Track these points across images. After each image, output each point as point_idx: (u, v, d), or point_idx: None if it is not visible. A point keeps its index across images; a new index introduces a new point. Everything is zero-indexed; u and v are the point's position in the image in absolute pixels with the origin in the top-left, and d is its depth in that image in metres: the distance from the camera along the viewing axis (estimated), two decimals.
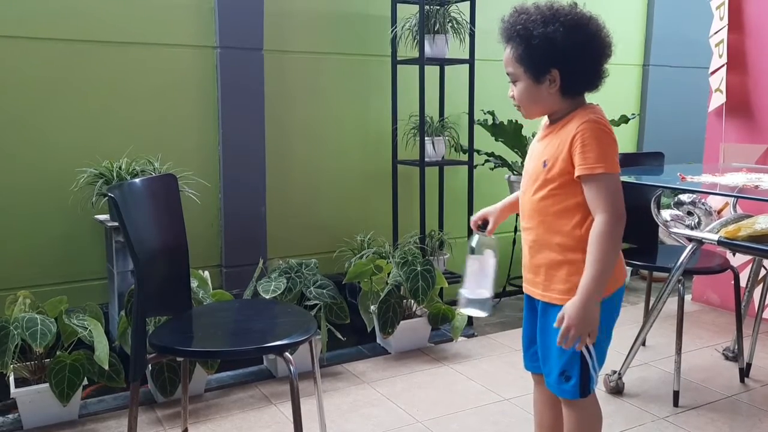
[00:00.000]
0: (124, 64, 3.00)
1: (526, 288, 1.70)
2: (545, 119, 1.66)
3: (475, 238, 1.80)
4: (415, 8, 3.32)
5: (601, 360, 1.63)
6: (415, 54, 3.36)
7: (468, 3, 3.40)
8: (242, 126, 3.23)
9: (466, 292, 1.79)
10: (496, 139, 3.79)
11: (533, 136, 4.02)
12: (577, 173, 1.50)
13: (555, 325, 1.53)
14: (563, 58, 1.50)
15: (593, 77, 1.55)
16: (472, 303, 1.78)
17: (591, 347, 1.59)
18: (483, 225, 1.84)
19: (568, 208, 1.56)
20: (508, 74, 1.59)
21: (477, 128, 3.63)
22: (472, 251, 1.79)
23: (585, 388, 1.62)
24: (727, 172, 2.68)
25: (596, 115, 1.53)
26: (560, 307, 1.56)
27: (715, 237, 2.44)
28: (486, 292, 1.77)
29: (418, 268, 2.96)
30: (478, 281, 1.77)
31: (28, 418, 2.35)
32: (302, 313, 2.04)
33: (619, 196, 1.50)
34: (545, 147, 1.59)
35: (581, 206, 1.55)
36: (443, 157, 3.52)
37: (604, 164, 1.48)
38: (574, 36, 1.50)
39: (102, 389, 2.50)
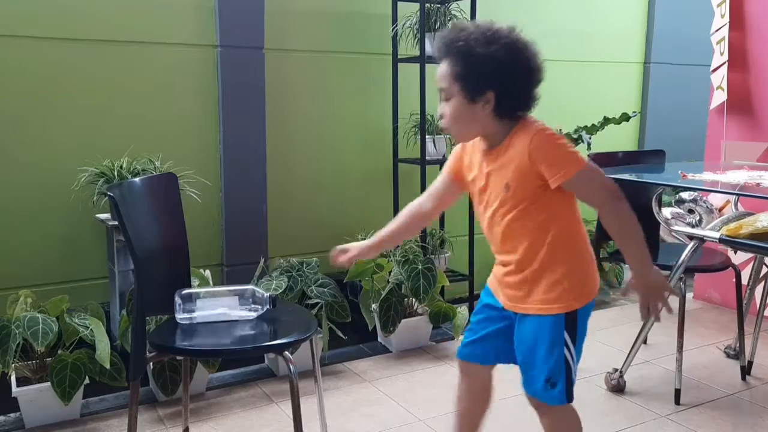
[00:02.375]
0: (125, 63, 3.00)
1: (500, 299, 1.69)
2: (474, 143, 1.64)
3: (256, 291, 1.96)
4: (416, 6, 3.31)
5: (577, 362, 1.64)
6: (416, 52, 3.36)
7: (468, 1, 3.40)
8: (243, 125, 3.23)
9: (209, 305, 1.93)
10: None
11: None
12: (554, 184, 1.49)
13: (622, 295, 1.61)
14: (501, 79, 1.49)
15: (526, 100, 1.54)
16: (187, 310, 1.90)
17: (573, 351, 1.60)
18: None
19: (543, 223, 1.56)
20: (440, 90, 1.56)
21: None
22: (244, 292, 1.97)
23: (570, 392, 1.62)
24: (729, 170, 2.68)
25: (538, 125, 1.53)
26: (541, 317, 1.58)
27: (717, 235, 2.43)
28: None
29: (419, 267, 2.96)
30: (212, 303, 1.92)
31: (29, 417, 2.35)
32: (303, 312, 2.04)
33: (604, 179, 1.51)
34: (499, 171, 1.56)
35: (556, 217, 1.56)
36: (444, 156, 3.52)
37: (573, 163, 1.48)
38: (512, 58, 1.49)
39: (103, 388, 2.50)
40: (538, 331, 1.59)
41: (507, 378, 2.77)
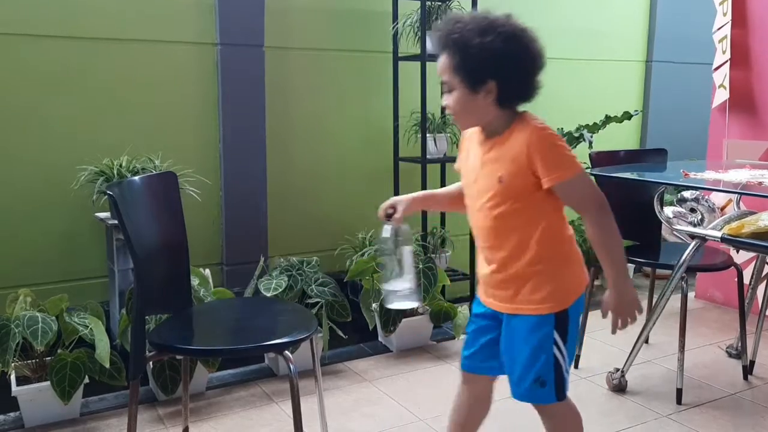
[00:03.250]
0: (125, 62, 2.99)
1: (487, 301, 1.68)
2: (472, 130, 1.64)
3: (386, 228, 1.74)
4: (417, 4, 3.30)
5: (570, 362, 1.63)
6: (417, 50, 3.35)
7: None
8: (243, 123, 3.23)
9: (388, 286, 1.76)
10: None
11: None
12: (547, 185, 1.49)
13: (603, 317, 1.58)
14: (500, 69, 1.48)
15: (529, 88, 1.53)
16: (398, 297, 1.76)
17: (564, 350, 1.59)
18: (391, 214, 1.77)
19: (532, 220, 1.55)
20: (443, 83, 1.56)
21: None
22: (386, 242, 1.75)
23: (561, 391, 1.61)
24: (731, 169, 2.67)
25: (538, 122, 1.52)
26: (529, 317, 1.57)
27: (719, 234, 2.42)
28: (408, 283, 1.74)
29: (420, 266, 2.95)
30: (398, 273, 1.75)
31: (29, 416, 2.35)
32: (303, 312, 2.04)
33: (594, 188, 1.52)
34: (494, 162, 1.55)
35: (545, 216, 1.55)
36: (445, 154, 3.51)
37: (570, 167, 1.48)
38: (510, 47, 1.47)
39: (103, 387, 2.50)
40: (526, 331, 1.59)
41: (502, 378, 2.77)
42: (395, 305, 1.78)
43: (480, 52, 1.46)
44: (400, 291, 1.75)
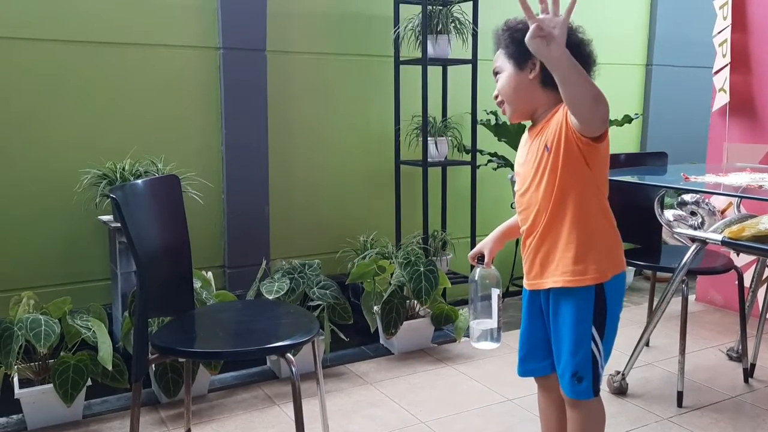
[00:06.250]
0: (128, 65, 3.00)
1: (531, 284, 1.71)
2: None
3: (476, 272, 1.84)
4: (418, 8, 3.32)
5: (607, 358, 1.67)
6: (418, 54, 3.36)
7: (470, 3, 3.40)
8: (245, 127, 3.24)
9: (475, 324, 1.85)
10: (499, 139, 3.79)
11: None
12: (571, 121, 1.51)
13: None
14: None
15: None
16: (484, 335, 1.84)
17: (601, 346, 1.63)
18: (480, 258, 1.87)
19: (574, 185, 1.59)
20: (495, 74, 1.66)
21: (480, 128, 3.63)
22: (475, 285, 1.84)
23: (596, 387, 1.65)
24: (731, 172, 2.68)
25: None
26: (574, 289, 1.60)
27: (719, 237, 2.43)
28: (493, 323, 1.82)
29: (421, 269, 2.96)
30: (485, 313, 1.83)
31: (32, 418, 2.35)
32: (305, 314, 2.04)
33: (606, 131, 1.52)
34: (541, 136, 1.62)
35: (586, 182, 1.58)
36: (446, 158, 3.52)
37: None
38: None
39: (106, 390, 2.51)
40: (568, 321, 1.62)
41: (510, 380, 2.77)
42: (481, 344, 1.86)
43: (524, 34, 1.47)
44: (487, 330, 1.83)
